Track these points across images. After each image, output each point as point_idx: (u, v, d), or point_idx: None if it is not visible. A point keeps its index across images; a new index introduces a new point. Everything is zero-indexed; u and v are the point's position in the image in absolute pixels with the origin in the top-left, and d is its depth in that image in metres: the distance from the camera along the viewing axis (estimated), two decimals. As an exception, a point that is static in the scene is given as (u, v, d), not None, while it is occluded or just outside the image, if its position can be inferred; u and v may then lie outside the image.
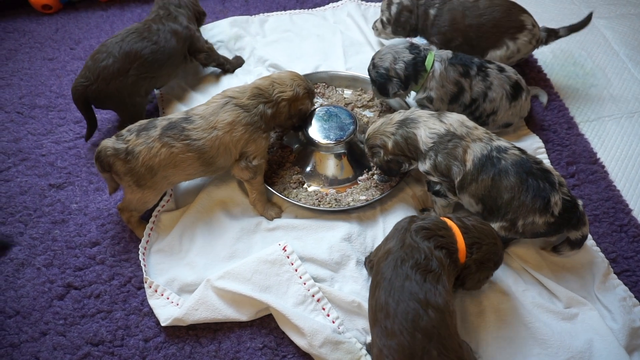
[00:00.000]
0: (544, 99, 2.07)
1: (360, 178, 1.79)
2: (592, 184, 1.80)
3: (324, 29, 2.42)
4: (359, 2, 2.59)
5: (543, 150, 1.89)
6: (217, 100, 1.61)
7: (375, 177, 1.77)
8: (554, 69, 2.26)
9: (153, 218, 1.67)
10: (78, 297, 1.53)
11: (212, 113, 1.57)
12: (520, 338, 1.40)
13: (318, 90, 2.07)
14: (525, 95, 1.83)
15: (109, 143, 1.51)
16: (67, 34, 2.43)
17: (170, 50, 1.91)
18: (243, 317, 1.45)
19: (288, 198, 1.70)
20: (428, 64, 1.76)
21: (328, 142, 1.76)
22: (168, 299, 1.50)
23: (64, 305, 1.51)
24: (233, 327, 1.47)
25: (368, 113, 2.01)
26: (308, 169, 1.80)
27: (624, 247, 1.64)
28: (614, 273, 1.56)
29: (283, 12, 2.55)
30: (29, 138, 1.98)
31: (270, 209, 1.69)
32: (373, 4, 2.56)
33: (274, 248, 1.54)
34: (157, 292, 1.51)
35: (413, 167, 1.61)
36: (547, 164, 1.50)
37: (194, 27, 2.05)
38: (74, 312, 1.50)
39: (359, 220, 1.68)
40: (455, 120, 1.52)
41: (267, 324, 1.47)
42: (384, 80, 1.80)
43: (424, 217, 1.36)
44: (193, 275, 1.54)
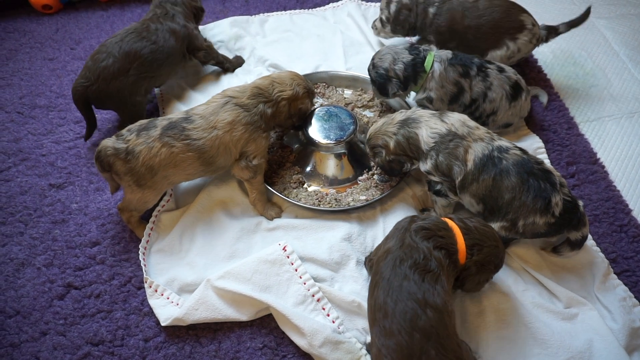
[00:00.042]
0: (544, 99, 2.07)
1: (361, 178, 1.79)
2: (592, 184, 1.80)
3: (324, 29, 2.41)
4: (359, 2, 2.59)
5: (543, 151, 1.88)
6: (217, 100, 1.61)
7: (376, 177, 1.77)
8: (554, 69, 2.25)
9: (153, 218, 1.68)
10: (78, 297, 1.53)
11: (212, 113, 1.57)
12: (520, 338, 1.39)
13: (318, 90, 2.06)
14: (525, 96, 1.83)
15: (109, 143, 1.51)
16: (67, 34, 2.43)
17: (169, 50, 1.91)
18: (243, 317, 1.45)
19: (288, 198, 1.70)
20: (427, 65, 1.76)
21: (328, 142, 1.76)
22: (168, 299, 1.50)
23: (64, 305, 1.51)
24: (233, 327, 1.47)
25: (368, 113, 2.01)
26: (308, 169, 1.80)
27: (624, 247, 1.63)
28: (614, 273, 1.55)
29: (283, 12, 2.55)
30: (29, 138, 1.98)
31: (271, 209, 1.69)
32: (373, 4, 2.56)
33: (274, 248, 1.54)
34: (157, 292, 1.52)
35: (415, 166, 1.61)
36: (547, 165, 1.50)
37: (192, 25, 2.05)
38: (74, 312, 1.50)
39: (359, 220, 1.68)
40: (457, 120, 1.52)
41: (267, 324, 1.47)
42: (384, 81, 1.81)
43: (425, 217, 1.36)
44: (193, 275, 1.54)
